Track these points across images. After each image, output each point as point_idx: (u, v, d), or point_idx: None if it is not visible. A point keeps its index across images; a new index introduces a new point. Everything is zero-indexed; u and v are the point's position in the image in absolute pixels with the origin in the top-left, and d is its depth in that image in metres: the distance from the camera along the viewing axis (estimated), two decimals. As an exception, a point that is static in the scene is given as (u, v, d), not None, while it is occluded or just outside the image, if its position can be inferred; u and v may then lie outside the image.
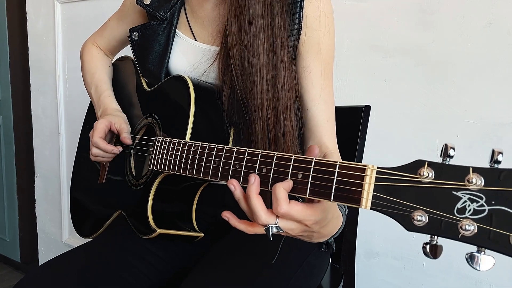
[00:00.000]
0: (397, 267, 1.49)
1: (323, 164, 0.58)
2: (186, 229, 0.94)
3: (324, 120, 0.92)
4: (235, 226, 0.67)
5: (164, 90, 0.99)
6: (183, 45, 1.02)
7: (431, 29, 1.33)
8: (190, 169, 0.81)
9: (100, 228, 1.07)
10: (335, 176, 0.56)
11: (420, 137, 1.39)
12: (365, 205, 0.52)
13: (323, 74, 0.93)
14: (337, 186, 0.56)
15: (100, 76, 1.16)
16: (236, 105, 0.89)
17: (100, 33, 1.22)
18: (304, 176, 0.60)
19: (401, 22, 1.38)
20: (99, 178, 1.10)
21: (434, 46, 1.33)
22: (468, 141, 1.31)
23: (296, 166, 0.62)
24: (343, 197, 0.54)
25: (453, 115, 1.33)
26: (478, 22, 1.26)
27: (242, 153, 0.71)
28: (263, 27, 0.86)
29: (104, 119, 1.02)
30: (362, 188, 0.52)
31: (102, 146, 1.00)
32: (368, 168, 0.53)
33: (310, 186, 0.59)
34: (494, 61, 1.25)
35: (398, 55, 1.40)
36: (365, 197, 0.52)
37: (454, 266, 1.38)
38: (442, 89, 1.34)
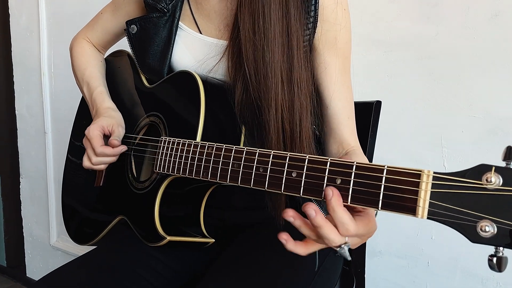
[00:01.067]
0: (401, 266, 1.46)
1: (366, 168, 0.53)
2: (195, 235, 0.88)
3: (345, 118, 0.89)
4: (292, 250, 0.61)
5: (169, 86, 0.93)
6: (187, 39, 0.95)
7: (434, 21, 1.30)
8: (205, 173, 0.74)
9: (98, 235, 1.00)
10: (383, 182, 0.51)
11: (424, 132, 1.36)
12: (421, 214, 0.47)
13: (341, 69, 0.89)
14: (385, 193, 0.50)
15: (91, 72, 1.08)
16: (249, 105, 0.83)
17: (92, 26, 1.14)
18: (344, 181, 0.55)
19: (403, 15, 1.34)
20: (96, 181, 1.03)
21: (438, 39, 1.30)
22: (474, 137, 1.28)
23: (333, 170, 0.56)
24: (394, 205, 0.49)
25: (458, 110, 1.30)
26: (483, 14, 1.23)
27: (266, 155, 0.65)
28: (278, 22, 0.81)
29: (95, 124, 0.95)
30: (418, 196, 0.47)
31: (110, 152, 0.93)
32: (424, 173, 0.48)
33: (352, 192, 0.54)
34: (500, 54, 1.22)
35: (400, 49, 1.36)
36: (421, 205, 0.47)
37: (460, 264, 1.36)
38: (446, 83, 1.31)
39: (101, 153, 0.92)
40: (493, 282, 1.31)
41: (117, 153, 0.94)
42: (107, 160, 0.94)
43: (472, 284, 1.34)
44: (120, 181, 0.97)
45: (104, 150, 0.92)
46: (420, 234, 1.41)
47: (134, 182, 0.94)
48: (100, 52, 1.16)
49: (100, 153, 0.92)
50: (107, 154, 0.93)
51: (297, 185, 0.60)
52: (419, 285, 1.44)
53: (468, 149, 1.30)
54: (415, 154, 1.38)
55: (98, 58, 1.14)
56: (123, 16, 1.06)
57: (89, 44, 1.15)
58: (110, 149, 0.93)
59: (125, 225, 0.94)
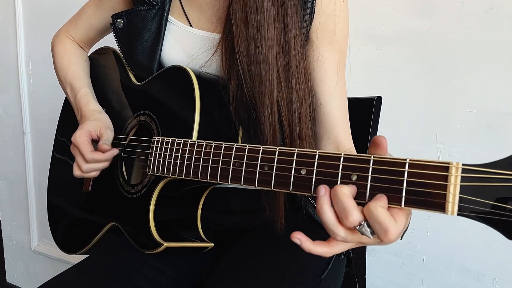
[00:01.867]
0: (396, 263, 1.44)
1: (386, 162, 0.49)
2: (193, 240, 0.83)
3: (340, 117, 0.85)
4: (310, 250, 0.55)
5: (161, 83, 0.87)
6: (178, 33, 0.90)
7: (428, 15, 1.28)
8: (203, 173, 0.70)
9: (88, 243, 0.94)
10: (405, 177, 0.47)
11: (419, 128, 1.34)
12: (451, 211, 0.44)
13: (337, 65, 0.85)
14: (409, 188, 0.47)
15: (74, 72, 1.02)
16: (245, 103, 0.79)
17: (74, 22, 1.08)
18: (361, 177, 0.51)
19: (397, 9, 1.32)
20: (84, 186, 0.97)
21: (432, 34, 1.28)
22: (469, 132, 1.27)
23: (348, 166, 0.52)
24: (420, 201, 0.46)
25: (453, 105, 1.28)
26: (478, 7, 1.21)
27: (270, 152, 0.61)
28: (272, 14, 0.76)
29: (81, 130, 0.89)
30: (447, 191, 0.44)
31: (101, 157, 0.87)
32: (452, 166, 0.44)
33: (370, 189, 0.50)
34: (495, 48, 1.20)
35: (394, 44, 1.33)
36: (451, 200, 0.44)
37: (456, 260, 1.34)
38: (441, 78, 1.29)
39: (92, 160, 0.86)
40: (489, 278, 1.30)
41: (108, 157, 0.88)
42: (98, 166, 0.88)
43: (468, 280, 1.33)
44: (110, 186, 0.92)
45: (95, 156, 0.86)
46: (415, 231, 1.39)
47: (125, 185, 0.88)
48: (83, 50, 1.10)
49: (90, 159, 0.86)
50: (98, 160, 0.87)
51: (308, 183, 0.56)
52: (414, 282, 1.42)
53: (464, 145, 1.28)
54: (410, 150, 1.36)
55: (82, 56, 1.08)
56: (108, 11, 1.01)
57: (72, 41, 1.08)
58: (101, 154, 0.87)
59: (117, 232, 0.88)
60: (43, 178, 2.08)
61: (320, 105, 0.84)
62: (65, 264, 2.13)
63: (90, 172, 0.88)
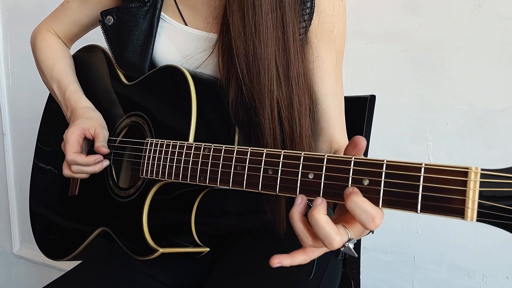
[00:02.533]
0: (386, 261, 1.44)
1: (400, 167, 0.47)
2: (187, 245, 0.81)
3: (337, 116, 0.84)
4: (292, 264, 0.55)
5: (154, 83, 0.84)
6: (171, 31, 0.87)
7: (417, 13, 1.27)
8: (202, 177, 0.67)
9: (75, 250, 0.91)
10: (421, 182, 0.45)
11: (409, 126, 1.34)
12: (470, 217, 0.42)
13: (335, 65, 0.84)
14: (425, 194, 0.45)
15: (61, 68, 0.98)
16: (244, 105, 0.77)
17: (57, 17, 1.03)
18: (373, 182, 0.49)
19: (386, 6, 1.31)
20: (70, 189, 0.93)
21: (421, 31, 1.28)
22: (459, 129, 1.27)
23: (359, 170, 0.50)
24: (437, 207, 0.44)
25: (442, 102, 1.28)
26: (466, 5, 1.21)
27: (275, 156, 0.58)
28: (271, 13, 0.74)
29: (75, 127, 0.85)
30: (466, 196, 0.42)
31: (82, 161, 0.83)
32: (471, 171, 0.43)
33: (383, 194, 0.48)
34: (483, 45, 1.21)
35: (383, 41, 1.33)
36: (470, 206, 0.42)
37: (446, 257, 1.35)
38: (430, 76, 1.29)
39: (72, 161, 0.83)
40: (479, 274, 1.31)
41: (90, 162, 0.83)
42: (82, 169, 0.84)
43: (458, 277, 1.34)
44: (99, 189, 0.88)
45: (75, 158, 0.82)
46: (406, 229, 1.40)
47: (116, 189, 0.85)
48: (66, 46, 1.06)
49: (70, 161, 0.82)
50: (78, 163, 0.83)
51: (316, 188, 0.54)
52: (405, 279, 1.42)
53: (453, 142, 1.29)
54: (399, 148, 1.36)
55: (67, 53, 1.04)
56: (94, 6, 0.97)
57: (55, 36, 1.04)
58: (83, 158, 0.83)
59: (107, 238, 0.85)
60: (24, 180, 2.02)
61: (318, 104, 0.83)
62: (49, 268, 2.08)
63: (79, 174, 0.84)
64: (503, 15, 1.17)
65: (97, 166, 0.84)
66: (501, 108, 1.21)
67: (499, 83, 1.20)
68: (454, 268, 1.34)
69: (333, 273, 0.85)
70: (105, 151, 0.84)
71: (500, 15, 1.17)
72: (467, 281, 1.33)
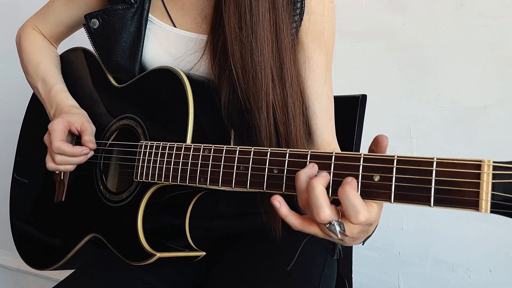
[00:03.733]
0: (372, 258, 1.45)
1: (411, 162, 0.48)
2: (182, 249, 0.79)
3: (327, 118, 0.85)
4: (284, 216, 0.57)
5: (146, 85, 0.82)
6: (160, 33, 0.86)
7: (401, 11, 1.30)
8: (202, 178, 0.66)
9: (63, 258, 0.88)
10: (433, 176, 0.46)
11: (393, 123, 1.35)
12: (485, 208, 0.43)
13: (325, 66, 0.84)
14: (438, 187, 0.46)
15: (47, 66, 0.95)
16: (238, 108, 0.76)
17: (42, 16, 1.00)
18: (384, 178, 0.49)
19: (370, 5, 1.33)
20: (56, 195, 0.90)
21: (405, 30, 1.30)
22: (442, 126, 1.30)
23: (369, 167, 0.51)
24: (451, 200, 0.45)
25: (426, 100, 1.31)
26: (449, 4, 1.24)
27: (280, 155, 0.58)
28: (266, 14, 0.74)
29: (61, 118, 0.82)
30: (480, 188, 0.43)
31: (68, 150, 0.80)
32: (484, 163, 0.43)
33: (395, 189, 0.48)
34: (466, 43, 1.24)
35: (367, 40, 1.34)
36: (484, 198, 0.43)
37: (431, 252, 1.37)
38: (413, 74, 1.31)
39: (57, 149, 0.79)
40: (463, 268, 1.34)
41: (76, 153, 0.81)
42: (67, 160, 0.81)
43: (443, 271, 1.36)
44: (89, 195, 0.85)
45: (61, 145, 0.79)
46: (391, 226, 1.41)
47: (107, 194, 0.83)
48: (53, 45, 1.03)
49: (56, 148, 0.79)
50: (65, 152, 0.80)
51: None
52: (391, 275, 1.44)
53: (437, 139, 1.31)
54: (384, 146, 1.38)
55: (53, 52, 1.01)
56: (79, 7, 0.95)
57: (40, 35, 1.01)
58: (69, 148, 0.80)
59: (98, 244, 0.82)
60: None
61: (309, 107, 0.83)
62: (25, 274, 2.02)
63: (64, 165, 0.81)
64: (484, 14, 1.20)
65: (83, 157, 0.81)
66: (482, 106, 1.24)
67: (481, 81, 1.23)
68: (439, 263, 1.36)
69: (330, 274, 0.85)
70: (93, 147, 0.82)
71: (481, 14, 1.21)
72: (452, 275, 1.35)
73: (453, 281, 1.35)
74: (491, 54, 1.21)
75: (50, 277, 1.95)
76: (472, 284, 1.32)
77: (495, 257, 1.28)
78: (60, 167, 0.82)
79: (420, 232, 1.38)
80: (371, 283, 1.46)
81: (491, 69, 1.22)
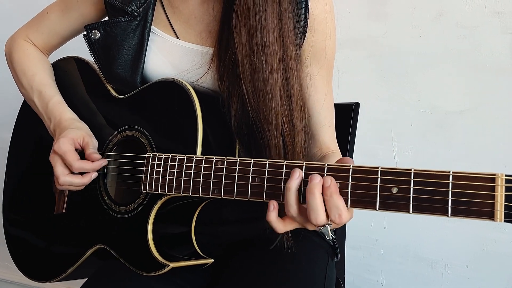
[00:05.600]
0: (356, 257, 1.50)
1: (427, 175, 0.51)
2: (190, 258, 0.80)
3: (326, 125, 0.88)
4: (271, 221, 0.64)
5: (151, 97, 0.82)
6: (163, 45, 0.87)
7: (383, 20, 1.35)
8: (216, 190, 0.68)
9: (67, 269, 0.87)
10: (450, 188, 0.50)
11: (375, 128, 1.40)
12: (500, 218, 0.47)
13: (326, 79, 0.87)
14: (455, 199, 0.50)
15: (42, 79, 0.94)
16: (247, 124, 0.78)
17: (35, 27, 0.98)
18: (402, 190, 0.53)
19: (353, 13, 1.37)
20: (56, 207, 0.89)
21: (387, 38, 1.35)
22: (422, 130, 1.36)
23: (387, 179, 0.54)
24: (467, 211, 0.49)
25: (407, 105, 1.36)
26: (428, 13, 1.30)
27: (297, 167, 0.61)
28: (275, 35, 0.76)
29: (64, 138, 0.82)
30: (495, 200, 0.47)
31: (89, 166, 0.81)
32: (498, 177, 0.47)
33: (413, 201, 0.52)
34: (444, 51, 1.30)
35: (351, 47, 1.39)
36: (499, 209, 0.47)
37: (411, 249, 1.43)
38: (395, 80, 1.37)
39: (80, 169, 0.80)
40: (441, 264, 1.41)
41: (96, 167, 0.82)
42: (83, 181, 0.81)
43: (423, 267, 1.43)
44: (92, 205, 0.85)
45: (83, 165, 0.80)
46: (374, 225, 1.46)
47: (113, 205, 0.83)
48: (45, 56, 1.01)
49: (78, 168, 0.79)
50: (86, 169, 0.81)
51: (343, 197, 0.57)
52: (374, 272, 1.49)
53: (417, 142, 1.37)
54: (366, 149, 1.42)
55: (47, 63, 0.99)
56: (76, 18, 0.94)
57: (32, 46, 0.99)
58: (89, 164, 0.81)
59: (103, 255, 0.83)
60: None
61: (309, 116, 0.86)
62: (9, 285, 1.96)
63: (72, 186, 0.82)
64: (461, 24, 1.27)
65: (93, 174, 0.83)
66: (460, 110, 1.31)
67: (458, 87, 1.30)
68: (419, 260, 1.43)
69: (331, 276, 0.88)
70: (97, 157, 0.82)
71: (458, 24, 1.27)
72: (431, 271, 1.42)
73: (432, 277, 1.41)
74: (468, 62, 1.28)
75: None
76: (450, 279, 1.39)
77: (471, 253, 1.35)
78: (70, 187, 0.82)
79: (401, 231, 1.44)
80: (355, 281, 1.51)
81: (467, 75, 1.28)
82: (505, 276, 1.33)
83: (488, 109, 1.27)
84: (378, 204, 0.54)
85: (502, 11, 1.23)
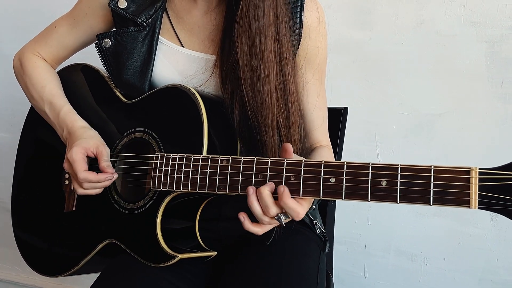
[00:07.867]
0: (341, 251, 1.57)
1: (412, 169, 0.59)
2: (195, 250, 0.87)
3: (319, 124, 0.96)
4: (248, 229, 0.75)
5: (159, 101, 0.88)
6: (169, 53, 0.93)
7: (368, 28, 1.43)
8: (221, 186, 0.74)
9: (77, 264, 0.92)
10: (432, 181, 0.57)
11: (360, 129, 1.48)
12: (474, 205, 0.55)
13: (318, 83, 0.95)
14: (436, 190, 0.57)
15: (51, 90, 0.98)
16: (248, 124, 0.85)
17: (43, 41, 1.03)
18: (391, 183, 0.60)
19: (339, 21, 1.45)
20: (66, 205, 0.94)
21: (371, 44, 1.43)
22: (403, 132, 1.44)
23: (377, 174, 0.61)
24: (447, 200, 0.56)
25: (389, 108, 1.44)
26: (410, 22, 1.38)
27: (296, 164, 0.68)
28: (272, 43, 0.83)
29: (77, 147, 0.86)
30: (470, 190, 0.55)
31: (94, 178, 0.85)
32: (472, 170, 0.55)
33: (400, 192, 0.60)
34: (424, 58, 1.39)
35: (337, 52, 1.46)
36: (473, 197, 0.55)
37: (393, 244, 1.52)
38: (378, 84, 1.45)
39: (84, 179, 0.84)
40: (421, 258, 1.49)
41: (102, 179, 0.86)
42: (100, 185, 0.86)
43: (403, 260, 1.51)
44: (102, 203, 0.90)
45: (88, 176, 0.84)
46: (357, 221, 1.54)
47: (122, 202, 0.88)
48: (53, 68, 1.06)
49: (82, 179, 0.84)
50: (90, 181, 0.85)
51: (338, 191, 0.64)
52: (357, 266, 1.57)
53: (399, 143, 1.45)
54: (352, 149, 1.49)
55: (55, 74, 1.03)
56: (85, 30, 0.99)
57: (41, 59, 1.03)
58: (94, 175, 0.85)
59: (113, 250, 0.88)
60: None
61: (303, 116, 0.94)
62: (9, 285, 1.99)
63: (92, 189, 0.86)
64: (441, 32, 1.36)
65: (107, 182, 0.87)
66: (439, 113, 1.39)
67: (437, 91, 1.39)
68: (400, 254, 1.51)
69: (323, 267, 0.95)
70: (111, 171, 0.86)
71: (437, 32, 1.36)
72: (411, 264, 1.50)
73: (412, 270, 1.50)
74: (446, 68, 1.37)
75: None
76: (429, 271, 1.48)
77: (448, 247, 1.44)
78: (89, 191, 0.87)
79: (383, 227, 1.51)
80: (339, 274, 1.58)
81: (446, 81, 1.37)
82: (479, 267, 1.42)
83: (464, 112, 1.36)
84: (370, 195, 0.61)
85: (478, 21, 1.32)
